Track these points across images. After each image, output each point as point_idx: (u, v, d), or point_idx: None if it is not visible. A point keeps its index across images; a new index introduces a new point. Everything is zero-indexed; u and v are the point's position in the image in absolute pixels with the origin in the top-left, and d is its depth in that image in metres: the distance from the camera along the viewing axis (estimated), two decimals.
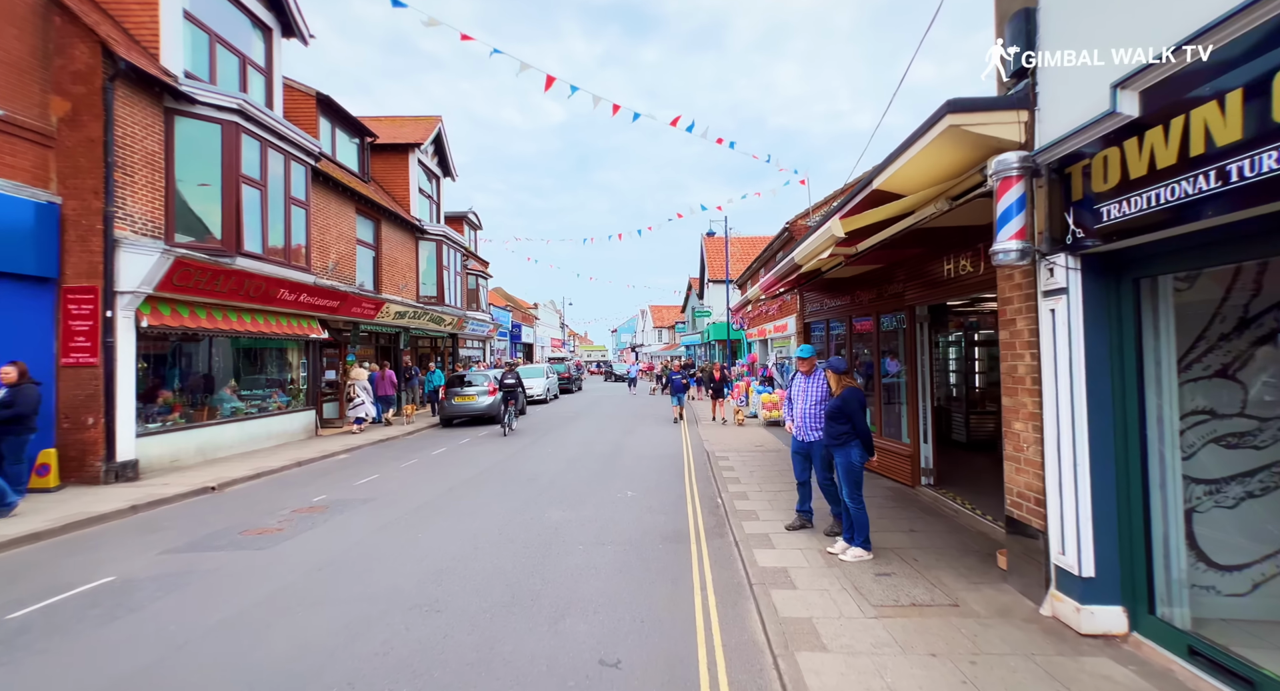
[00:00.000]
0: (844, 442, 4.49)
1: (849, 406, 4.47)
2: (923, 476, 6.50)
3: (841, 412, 4.50)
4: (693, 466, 8.85)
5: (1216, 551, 3.20)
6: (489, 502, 6.74)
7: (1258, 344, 3.24)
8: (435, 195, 20.79)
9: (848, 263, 6.40)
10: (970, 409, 9.08)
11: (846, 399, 4.49)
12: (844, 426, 4.49)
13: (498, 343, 30.84)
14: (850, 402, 4.47)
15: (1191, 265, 2.81)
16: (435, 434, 13.40)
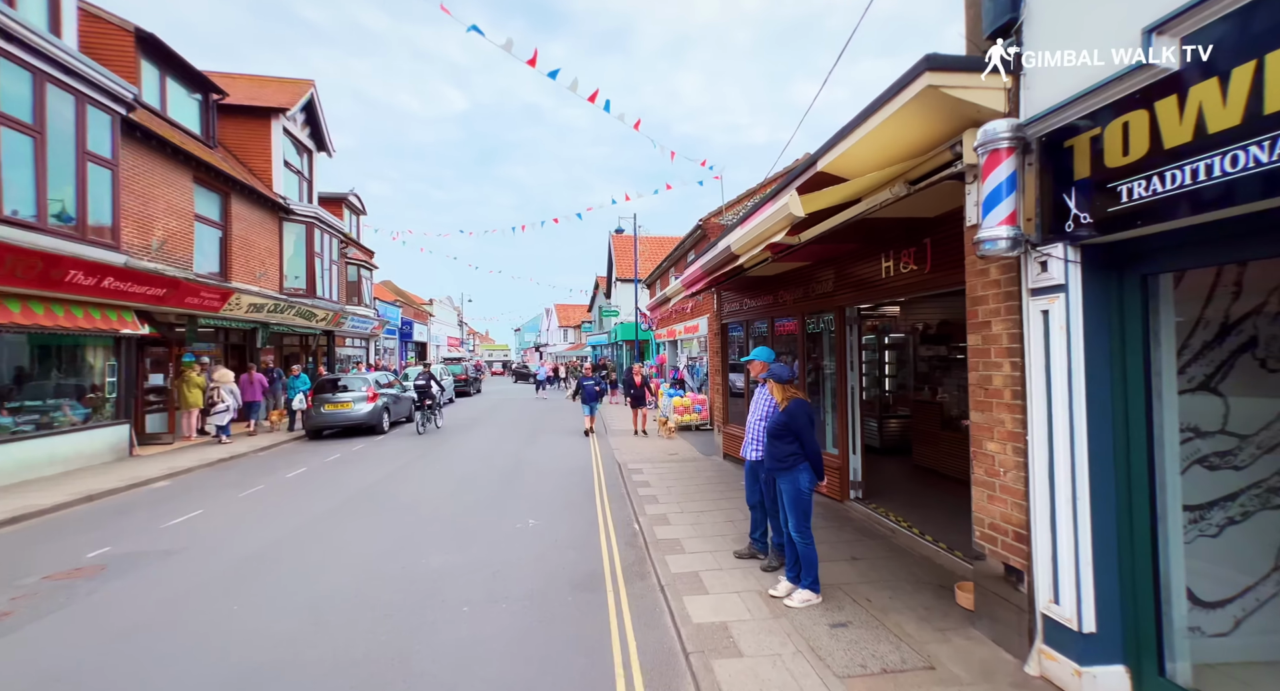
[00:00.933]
0: (790, 465, 3.79)
1: (795, 422, 3.77)
2: (852, 490, 6.09)
3: (787, 429, 3.79)
4: (604, 482, 7.91)
5: (1202, 587, 2.84)
6: (348, 546, 5.33)
7: (1238, 352, 2.94)
8: (307, 171, 18.04)
9: (776, 258, 5.82)
10: (883, 413, 9.02)
11: (793, 414, 3.79)
12: (790, 446, 3.79)
13: (385, 341, 27.85)
14: (797, 418, 3.78)
15: (1223, 257, 2.35)
16: (297, 449, 11.28)
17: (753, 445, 4.41)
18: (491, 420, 16.11)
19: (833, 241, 5.37)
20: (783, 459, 3.80)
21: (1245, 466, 2.89)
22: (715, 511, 6.11)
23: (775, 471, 3.88)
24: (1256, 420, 2.91)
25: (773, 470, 3.90)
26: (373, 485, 7.81)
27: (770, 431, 3.89)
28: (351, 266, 21.52)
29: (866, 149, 3.31)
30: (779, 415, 3.85)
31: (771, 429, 3.88)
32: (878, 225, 4.82)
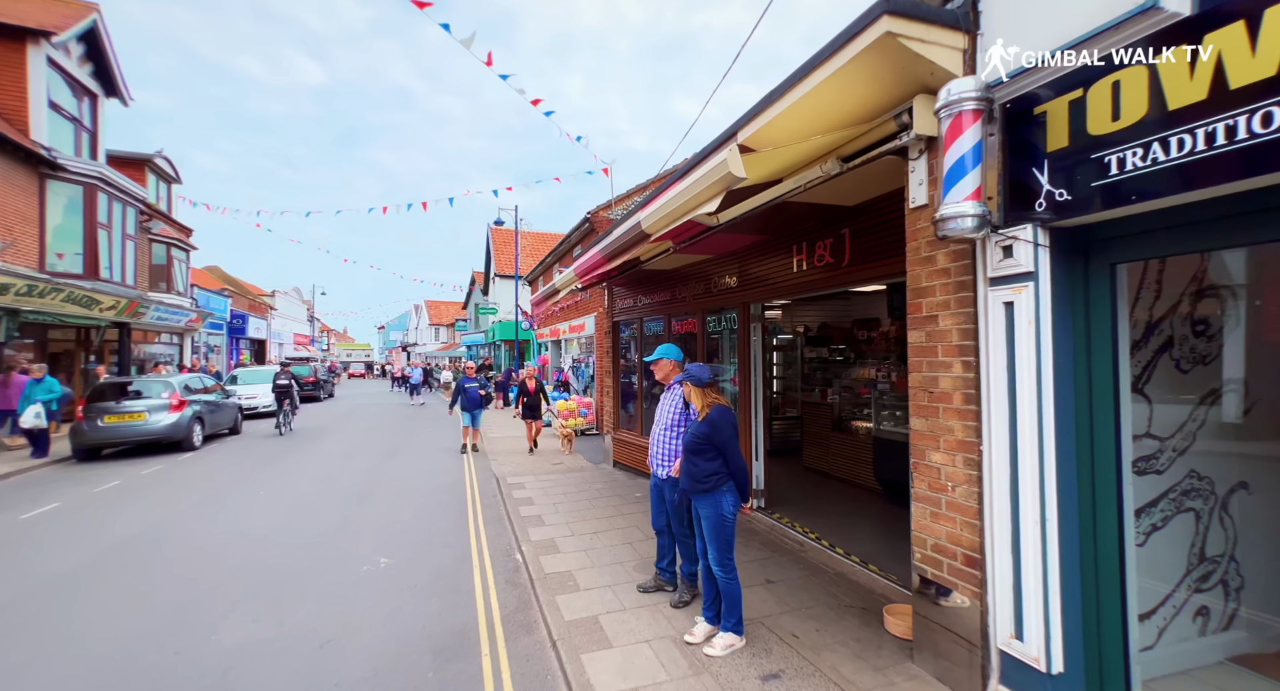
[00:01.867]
0: (712, 487, 3.17)
1: (719, 434, 3.16)
2: (754, 499, 5.71)
3: (709, 443, 3.17)
4: (479, 502, 6.80)
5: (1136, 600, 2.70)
6: (89, 628, 3.72)
7: (1159, 353, 2.86)
8: (89, 120, 14.25)
9: (679, 248, 5.26)
10: (771, 414, 8.97)
11: (715, 424, 3.17)
12: (712, 463, 3.17)
13: (210, 337, 23.24)
14: (721, 429, 3.16)
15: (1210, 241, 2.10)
16: (56, 475, 8.48)
17: (661, 460, 3.74)
18: (340, 430, 13.83)
19: (742, 231, 4.93)
20: (703, 478, 3.17)
21: (1164, 470, 2.82)
22: (611, 532, 5.37)
23: (693, 493, 3.24)
24: (1172, 423, 2.86)
25: (690, 491, 3.25)
26: (160, 524, 5.91)
27: (688, 446, 3.24)
28: (158, 244, 17.50)
29: (801, 115, 2.80)
30: (698, 426, 3.21)
31: (690, 443, 3.23)
32: (791, 214, 4.43)
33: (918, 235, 2.93)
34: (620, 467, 8.37)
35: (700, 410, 3.23)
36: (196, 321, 19.82)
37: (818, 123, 2.91)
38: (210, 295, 22.62)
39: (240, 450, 10.79)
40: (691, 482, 3.22)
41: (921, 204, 2.88)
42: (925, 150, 2.84)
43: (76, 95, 13.75)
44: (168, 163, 18.65)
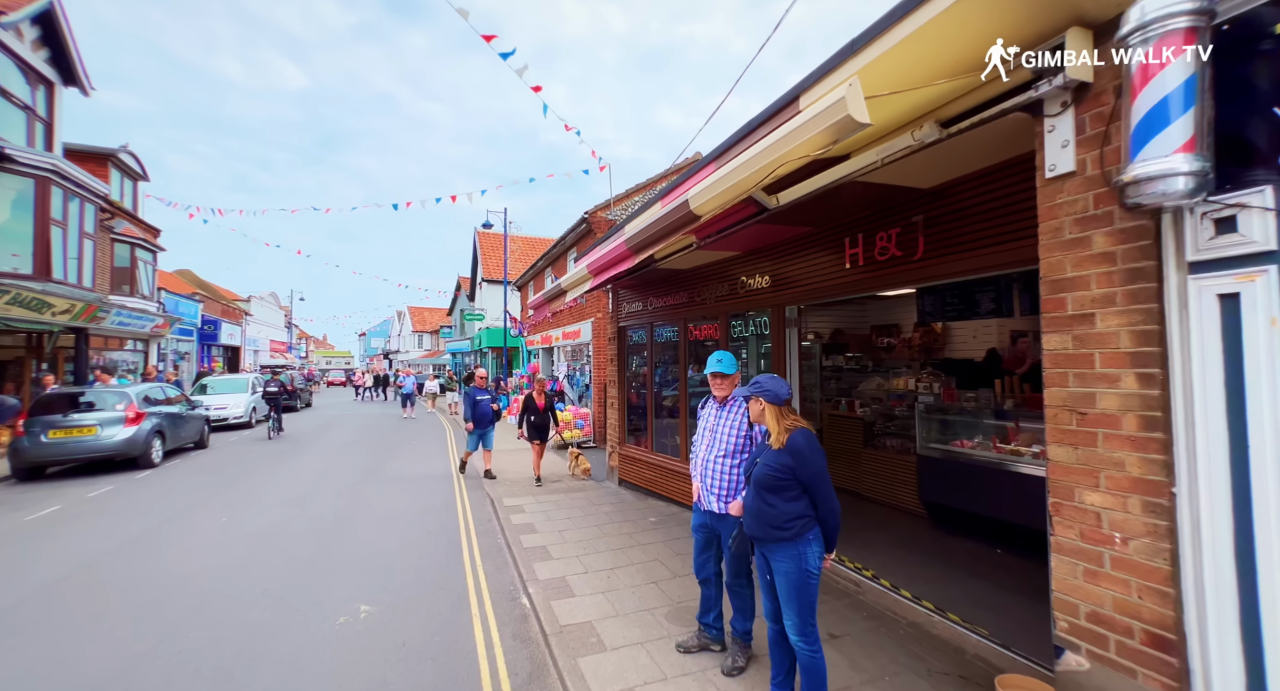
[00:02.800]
0: (794, 534, 2.48)
1: (808, 468, 2.46)
2: None
3: (791, 479, 2.48)
4: (473, 527, 6.02)
5: None
6: None
7: None
8: (43, 110, 13.22)
9: (701, 244, 4.61)
10: None
11: (802, 454, 2.48)
12: (796, 504, 2.48)
13: (179, 344, 21.98)
14: (809, 460, 2.47)
15: None
16: None
17: (718, 494, 3.07)
18: (318, 442, 12.86)
19: (783, 222, 4.29)
20: (782, 523, 2.48)
21: None
22: (630, 567, 4.65)
23: (768, 542, 2.54)
24: None
25: (763, 539, 2.56)
26: (94, 562, 5.03)
27: (762, 481, 2.55)
28: (121, 245, 16.38)
29: (918, 51, 2.16)
30: (776, 455, 2.52)
31: (764, 477, 2.54)
32: (845, 202, 3.82)
33: (1058, 212, 2.30)
34: (627, 486, 7.65)
35: (777, 434, 2.55)
36: (163, 327, 18.64)
37: (935, 65, 2.28)
38: (180, 299, 21.40)
39: (204, 467, 9.82)
40: (765, 527, 2.52)
41: (1065, 171, 2.26)
42: (1072, 102, 2.22)
43: (30, 82, 12.73)
44: (133, 158, 17.56)
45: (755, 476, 2.58)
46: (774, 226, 4.46)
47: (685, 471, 6.35)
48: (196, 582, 4.49)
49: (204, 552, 5.21)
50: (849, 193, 3.55)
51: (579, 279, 5.26)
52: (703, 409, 3.33)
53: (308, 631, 3.70)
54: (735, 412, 3.09)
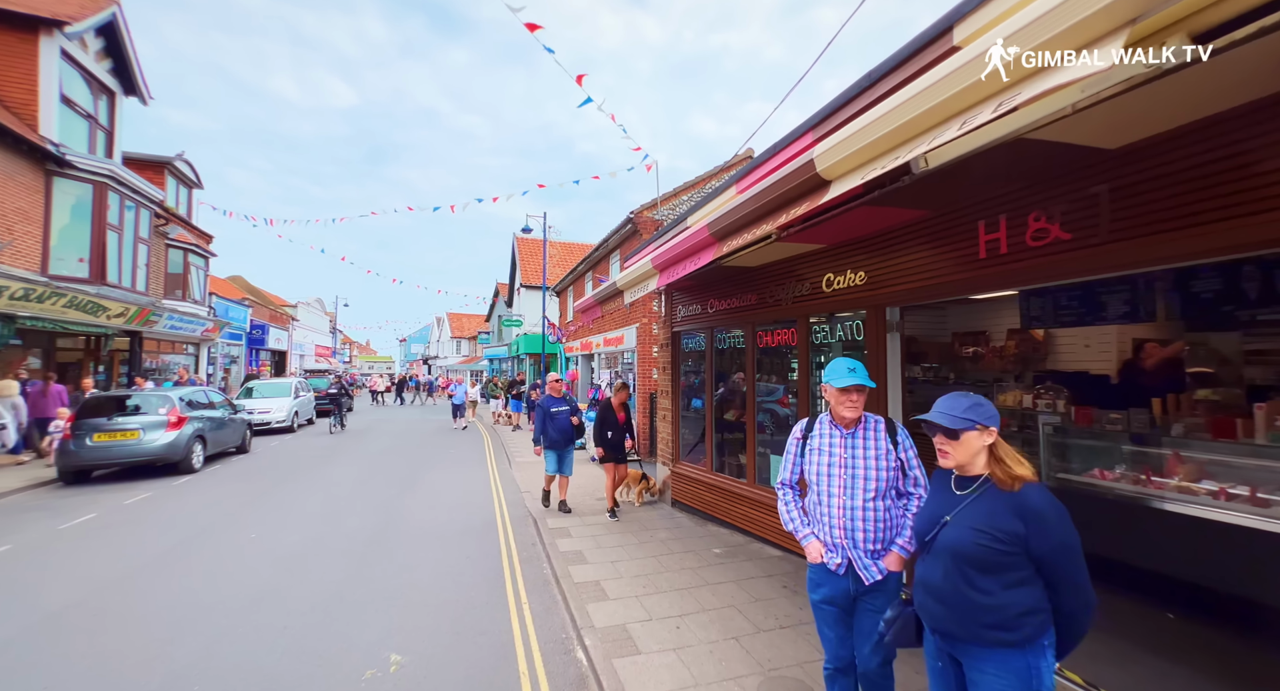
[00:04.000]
0: (1023, 639, 1.67)
1: (1046, 537, 1.66)
2: None
3: (1021, 552, 1.68)
4: (515, 554, 5.40)
5: None
6: None
7: None
8: (105, 119, 13.56)
9: (783, 236, 3.88)
10: None
11: (1043, 517, 1.67)
12: (1023, 593, 1.69)
13: (228, 348, 22.50)
14: (1050, 526, 1.67)
15: None
16: (32, 502, 7.30)
17: (866, 551, 2.32)
18: (357, 449, 12.59)
19: (892, 204, 3.53)
20: (1006, 622, 1.67)
21: None
22: (702, 614, 3.92)
23: (973, 644, 1.74)
24: None
25: (964, 638, 1.76)
26: (112, 585, 4.62)
27: (972, 555, 1.72)
28: (175, 250, 16.76)
29: None
30: (996, 516, 1.71)
31: (975, 549, 1.71)
32: (983, 172, 3.04)
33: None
34: (682, 508, 6.92)
35: (1006, 483, 1.74)
36: (213, 331, 19.01)
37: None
38: (230, 304, 21.91)
39: (243, 474, 9.59)
40: (971, 623, 1.71)
41: None
42: None
43: (93, 91, 13.07)
44: (188, 166, 18.02)
45: (954, 545, 1.77)
46: (879, 211, 3.71)
47: (752, 495, 5.58)
48: (213, 615, 3.99)
49: (226, 577, 4.75)
50: (995, 160, 2.78)
51: (641, 276, 4.60)
52: (807, 434, 2.55)
53: (329, 688, 3.11)
54: (877, 437, 2.39)
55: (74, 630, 3.80)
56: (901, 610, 2.03)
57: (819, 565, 2.42)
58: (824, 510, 2.42)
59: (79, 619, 3.97)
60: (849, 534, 2.34)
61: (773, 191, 2.50)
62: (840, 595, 2.38)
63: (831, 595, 2.40)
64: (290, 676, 3.22)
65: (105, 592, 4.43)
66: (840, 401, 2.38)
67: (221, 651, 3.50)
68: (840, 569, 2.36)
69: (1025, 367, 6.70)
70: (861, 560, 2.33)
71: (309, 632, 3.74)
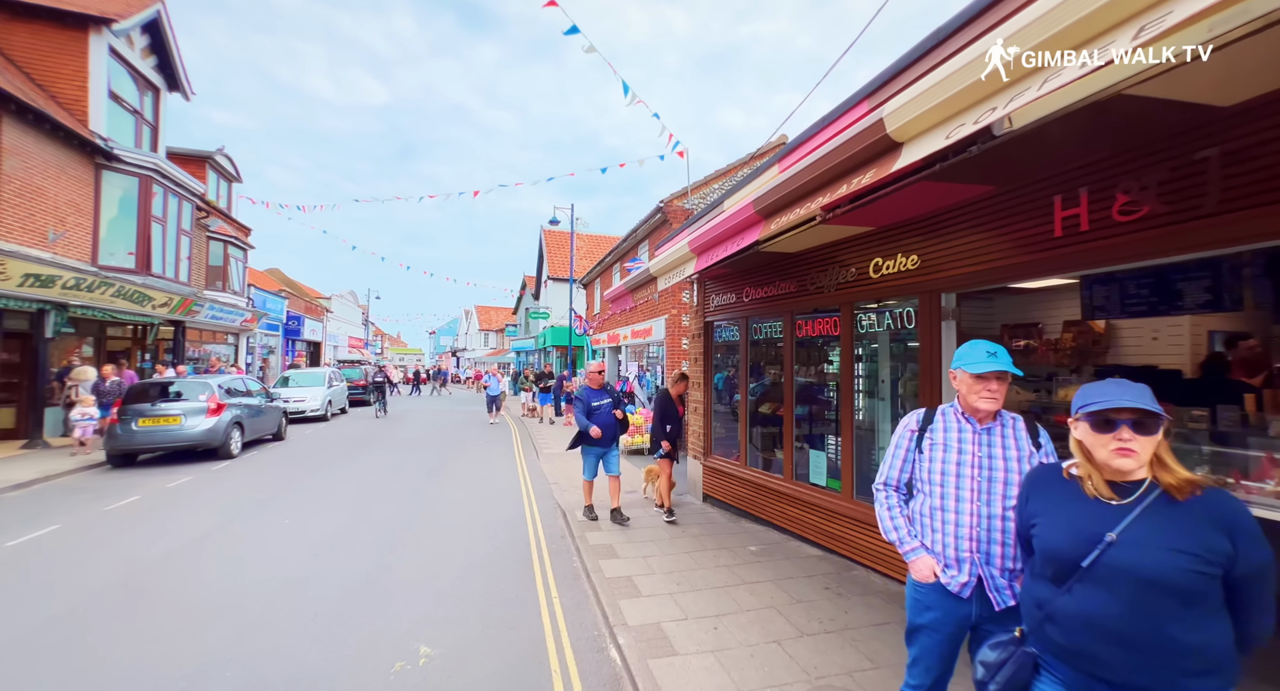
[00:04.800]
0: (1227, 686, 1.37)
1: (1252, 554, 1.36)
2: None
3: (1220, 574, 1.36)
4: (545, 547, 5.30)
5: None
6: None
7: None
8: (150, 114, 13.95)
9: (830, 218, 3.61)
10: None
11: (1246, 530, 1.37)
12: (1222, 625, 1.38)
13: (265, 338, 23.16)
14: (1255, 541, 1.37)
15: None
16: (83, 483, 7.56)
17: (1003, 570, 1.94)
18: (388, 437, 12.75)
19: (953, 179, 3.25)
20: (1213, 666, 1.36)
21: None
22: (741, 615, 3.73)
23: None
24: None
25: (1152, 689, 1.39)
26: (151, 566, 4.68)
27: (1173, 581, 1.35)
28: (216, 242, 17.24)
29: None
30: (1192, 532, 1.37)
31: (1176, 574, 1.34)
32: (1062, 139, 2.73)
33: None
34: (714, 504, 6.73)
35: (1180, 488, 1.41)
36: (251, 321, 19.55)
37: None
38: (267, 296, 22.51)
39: (278, 461, 9.77)
40: (1173, 671, 1.35)
41: None
42: None
43: (139, 87, 13.45)
44: (228, 161, 18.50)
45: (1145, 571, 1.37)
46: (936, 189, 3.43)
47: (790, 491, 5.35)
48: (247, 601, 3.98)
49: (261, 561, 4.76)
50: (1073, 129, 2.48)
51: (676, 261, 4.40)
52: (925, 428, 2.13)
53: (359, 679, 3.04)
54: (1017, 437, 2.03)
55: (113, 610, 3.83)
56: (1013, 651, 1.61)
57: (931, 584, 2.02)
58: (947, 518, 2.02)
59: (119, 599, 4.01)
60: (982, 547, 1.95)
61: (832, 158, 2.27)
62: (957, 621, 1.98)
63: (943, 620, 1.99)
64: (320, 665, 3.16)
65: (145, 574, 4.48)
66: (976, 391, 1.98)
67: (253, 637, 3.47)
68: (964, 590, 1.95)
69: (1083, 361, 6.27)
70: (995, 579, 1.93)
71: (339, 621, 3.69)
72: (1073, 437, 1.59)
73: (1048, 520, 1.58)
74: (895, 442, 2.22)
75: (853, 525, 4.62)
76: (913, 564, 2.07)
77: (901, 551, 2.12)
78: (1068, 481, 1.61)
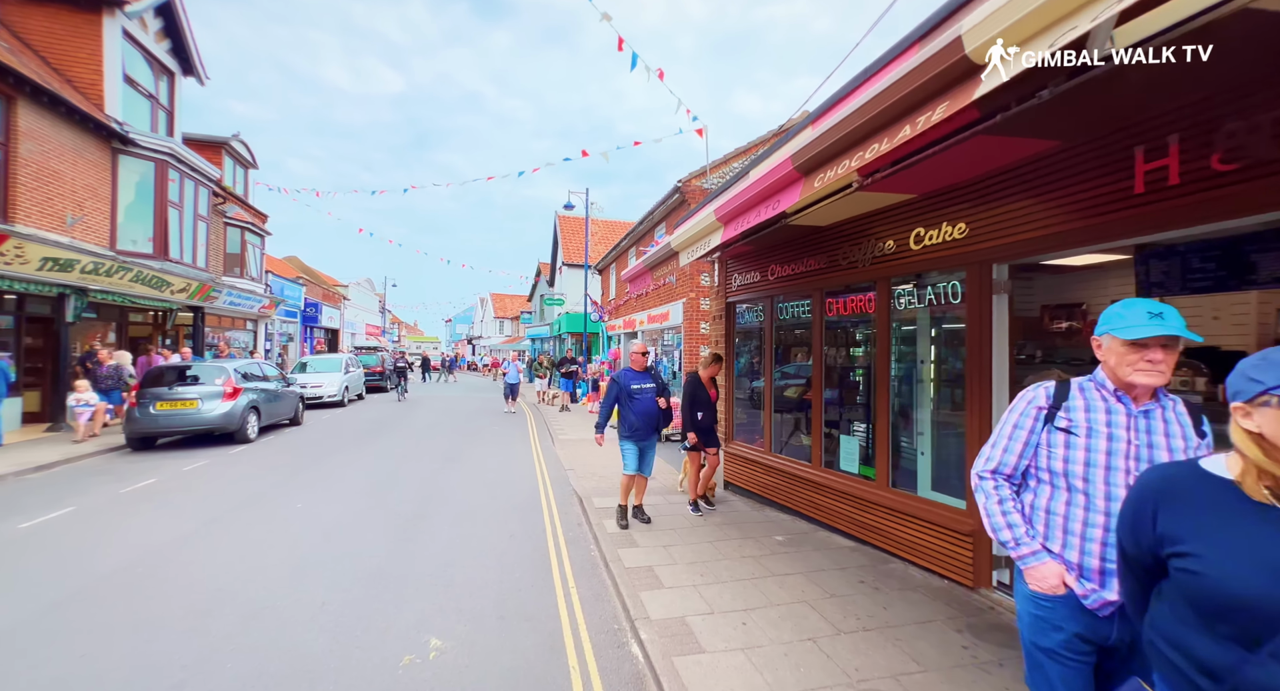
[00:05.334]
0: None
1: None
2: (994, 570, 3.64)
3: None
4: (560, 534, 5.11)
5: None
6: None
7: None
8: (165, 98, 13.89)
9: (867, 184, 3.27)
10: None
11: None
12: None
13: (283, 325, 23.34)
14: None
15: None
16: (102, 466, 7.58)
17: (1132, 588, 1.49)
18: (403, 423, 12.70)
19: (1015, 132, 2.89)
20: None
21: None
22: (771, 609, 3.49)
23: None
24: None
25: None
26: (163, 549, 4.59)
27: None
28: (233, 229, 17.27)
29: None
30: None
31: None
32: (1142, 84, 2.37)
33: None
34: (736, 491, 6.47)
35: None
36: (269, 308, 19.66)
37: None
38: (285, 282, 22.62)
39: (293, 445, 9.74)
40: None
41: None
42: None
43: (154, 71, 13.38)
44: (244, 146, 18.46)
45: None
46: (995, 144, 3.07)
47: (818, 479, 5.07)
48: (253, 588, 3.84)
49: (271, 548, 4.64)
50: (1162, 74, 2.12)
51: (700, 232, 4.10)
52: (1058, 406, 1.72)
53: (364, 673, 2.86)
54: (1181, 422, 1.65)
55: (120, 594, 3.72)
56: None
57: (1061, 597, 1.65)
58: (1090, 520, 1.64)
59: (127, 582, 3.90)
60: (1079, 541, 1.65)
61: (895, 93, 1.95)
62: (1096, 641, 1.63)
63: (1078, 643, 1.63)
64: (325, 658, 2.99)
65: (154, 558, 4.38)
66: (1131, 361, 1.57)
67: (259, 626, 3.32)
68: (1107, 608, 1.60)
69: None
70: (1123, 586, 1.53)
71: (347, 610, 3.53)
72: (1241, 429, 1.15)
73: (1217, 550, 1.13)
74: (1013, 422, 1.80)
75: (888, 515, 4.33)
76: (1032, 570, 1.69)
77: (1016, 555, 1.73)
78: (1227, 489, 1.17)
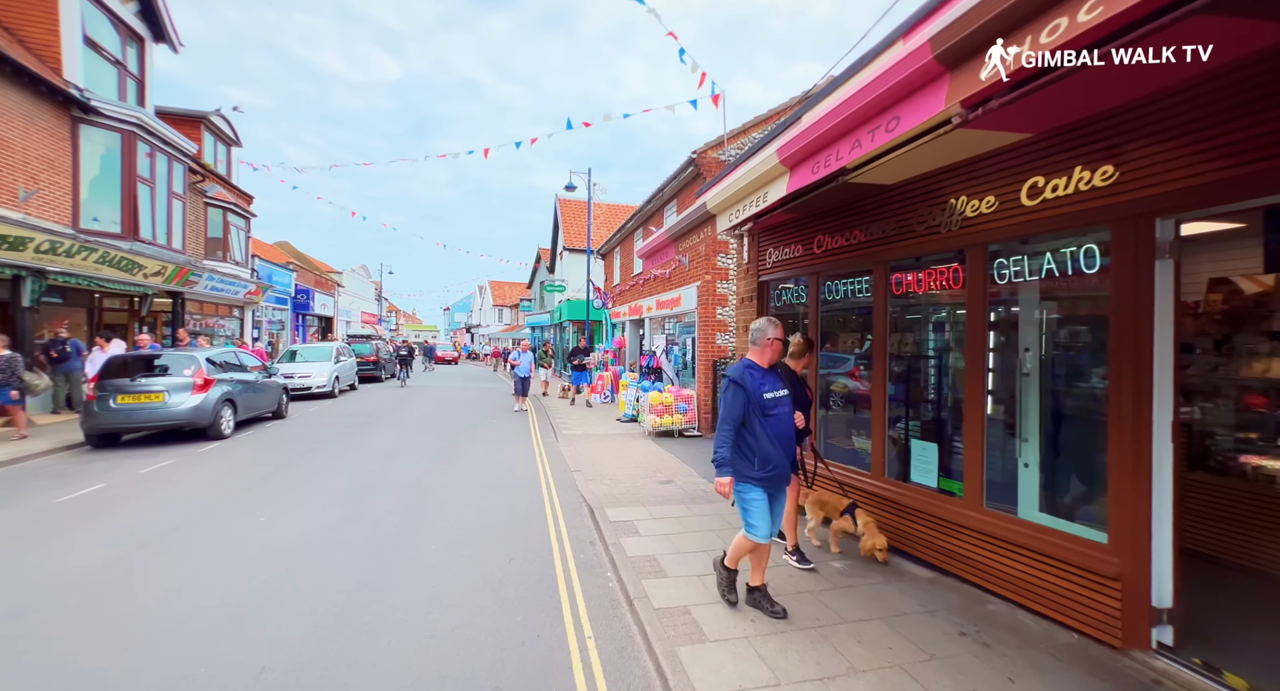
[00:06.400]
0: None
1: None
2: (1155, 627, 2.76)
3: None
4: (570, 556, 4.23)
5: None
6: None
7: None
8: (135, 67, 12.83)
9: (975, 115, 2.34)
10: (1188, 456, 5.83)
11: None
12: None
13: (274, 312, 22.37)
14: None
15: None
16: (48, 468, 6.68)
17: None
18: (396, 416, 11.82)
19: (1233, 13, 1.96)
20: None
21: None
22: (854, 675, 2.61)
23: None
24: None
25: None
26: (87, 576, 3.71)
27: None
28: (214, 209, 16.26)
29: None
30: None
31: None
32: None
33: None
34: None
35: None
36: (256, 294, 18.69)
37: None
38: (274, 268, 21.62)
39: (272, 442, 8.85)
40: None
41: None
42: None
43: (120, 35, 12.30)
44: (226, 122, 17.37)
45: None
46: (1212, 29, 2.14)
47: (883, 493, 4.20)
48: (180, 638, 2.97)
49: (212, 580, 3.75)
50: None
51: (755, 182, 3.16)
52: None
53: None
54: None
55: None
56: None
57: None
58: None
59: (13, 631, 3.03)
60: None
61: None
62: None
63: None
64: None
65: (65, 594, 3.50)
66: None
67: (216, 656, 2.45)
68: None
69: (1234, 330, 4.94)
70: None
71: (294, 679, 2.65)
72: None
73: None
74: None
75: (981, 541, 3.46)
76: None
77: None
78: None
